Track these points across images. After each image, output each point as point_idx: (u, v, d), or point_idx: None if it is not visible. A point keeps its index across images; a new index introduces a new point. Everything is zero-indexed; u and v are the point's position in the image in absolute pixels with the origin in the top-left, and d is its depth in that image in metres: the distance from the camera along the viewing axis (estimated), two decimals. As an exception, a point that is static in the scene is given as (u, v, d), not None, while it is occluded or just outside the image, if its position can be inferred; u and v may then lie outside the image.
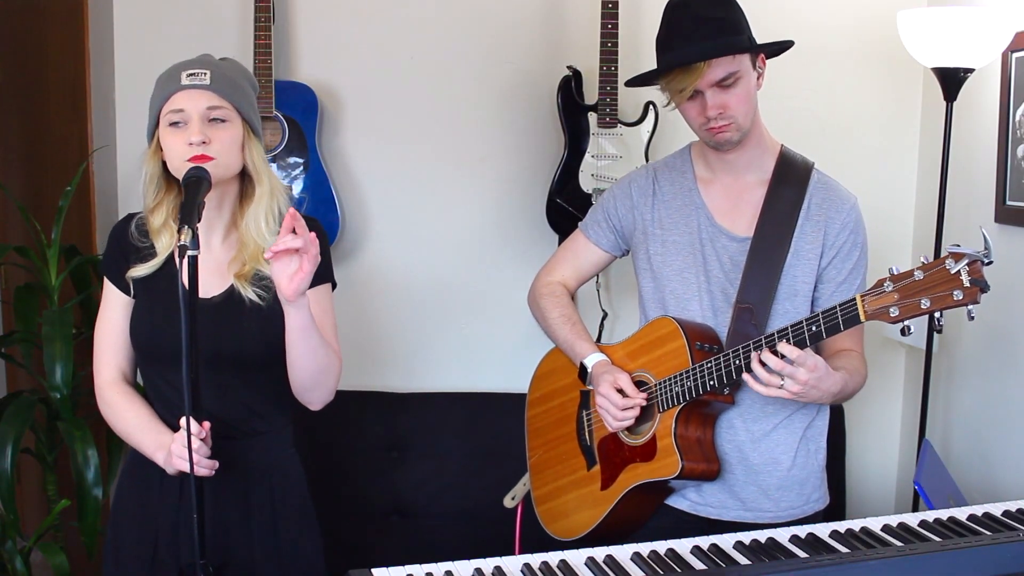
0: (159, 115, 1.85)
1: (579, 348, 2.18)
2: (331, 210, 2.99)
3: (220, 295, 1.90)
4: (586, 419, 2.23)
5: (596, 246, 2.24)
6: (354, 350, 3.09)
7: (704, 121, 1.97)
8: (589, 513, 2.17)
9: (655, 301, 2.13)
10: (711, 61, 1.91)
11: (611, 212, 2.20)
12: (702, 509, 2.08)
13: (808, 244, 2.04)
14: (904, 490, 3.22)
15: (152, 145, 1.88)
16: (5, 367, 3.76)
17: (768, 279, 2.01)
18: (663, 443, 2.02)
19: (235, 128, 1.86)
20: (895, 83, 3.14)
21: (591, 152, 2.97)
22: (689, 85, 1.93)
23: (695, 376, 1.96)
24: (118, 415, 1.94)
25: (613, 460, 2.14)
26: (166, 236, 1.90)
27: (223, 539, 1.91)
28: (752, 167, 2.08)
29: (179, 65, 1.88)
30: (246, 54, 2.94)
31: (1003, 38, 2.54)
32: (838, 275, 2.05)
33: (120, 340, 1.96)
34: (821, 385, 1.87)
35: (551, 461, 2.31)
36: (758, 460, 2.05)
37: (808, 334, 1.81)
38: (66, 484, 2.87)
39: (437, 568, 1.59)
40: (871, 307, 1.73)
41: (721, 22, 1.95)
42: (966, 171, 2.83)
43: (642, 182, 2.17)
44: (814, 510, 2.11)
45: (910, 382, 3.21)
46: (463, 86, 3.11)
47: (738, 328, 2.00)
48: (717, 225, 2.07)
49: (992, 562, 1.48)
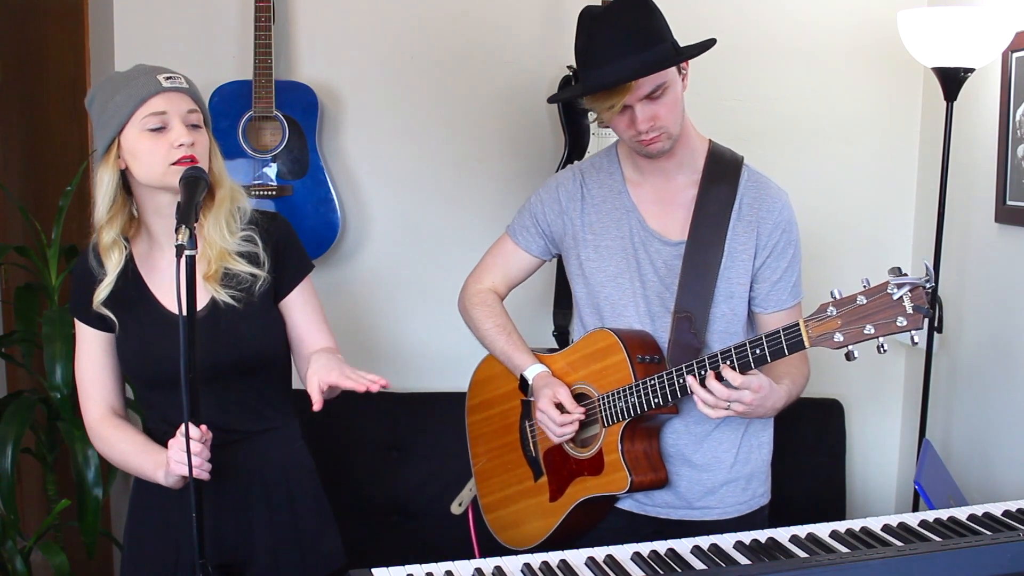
0: (127, 119, 1.78)
1: (517, 359, 2.15)
2: (331, 210, 2.99)
3: (204, 308, 1.87)
4: (529, 430, 2.22)
5: (525, 252, 2.20)
6: (354, 350, 3.08)
7: (635, 133, 1.93)
8: (540, 524, 2.17)
9: (589, 307, 2.11)
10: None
11: (539, 217, 2.16)
12: (650, 510, 2.09)
13: (741, 245, 2.02)
14: (904, 490, 3.22)
15: (112, 153, 1.80)
16: (5, 367, 3.76)
17: (704, 284, 1.99)
18: (610, 458, 2.01)
19: (206, 133, 1.85)
20: (895, 83, 3.14)
21: (591, 152, 2.97)
22: (618, 102, 1.88)
23: (639, 392, 1.95)
24: (113, 447, 1.92)
25: (560, 472, 2.13)
26: (116, 253, 1.86)
27: (245, 537, 1.92)
28: (682, 168, 2.05)
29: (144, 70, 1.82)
30: (246, 54, 2.94)
31: (1003, 38, 2.53)
32: (772, 274, 2.03)
33: (103, 376, 1.94)
34: (766, 403, 1.88)
35: (497, 470, 2.31)
36: (701, 460, 2.05)
37: (752, 357, 1.80)
38: (66, 484, 2.87)
39: (437, 568, 1.59)
40: (815, 332, 1.72)
41: (645, 33, 1.88)
42: (966, 171, 2.83)
43: (569, 186, 2.13)
44: (759, 504, 2.12)
45: (910, 382, 3.21)
46: (463, 86, 3.11)
47: (678, 337, 1.99)
48: (649, 229, 2.05)
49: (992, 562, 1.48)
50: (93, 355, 1.94)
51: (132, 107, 1.77)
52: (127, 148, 1.79)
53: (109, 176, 1.81)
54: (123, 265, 1.88)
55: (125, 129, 1.78)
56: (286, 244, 1.98)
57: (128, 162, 1.80)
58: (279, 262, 1.95)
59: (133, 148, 1.79)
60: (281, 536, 1.96)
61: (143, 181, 1.81)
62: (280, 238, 1.96)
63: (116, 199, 1.83)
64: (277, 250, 1.95)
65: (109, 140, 1.80)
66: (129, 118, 1.78)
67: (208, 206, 1.88)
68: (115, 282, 1.87)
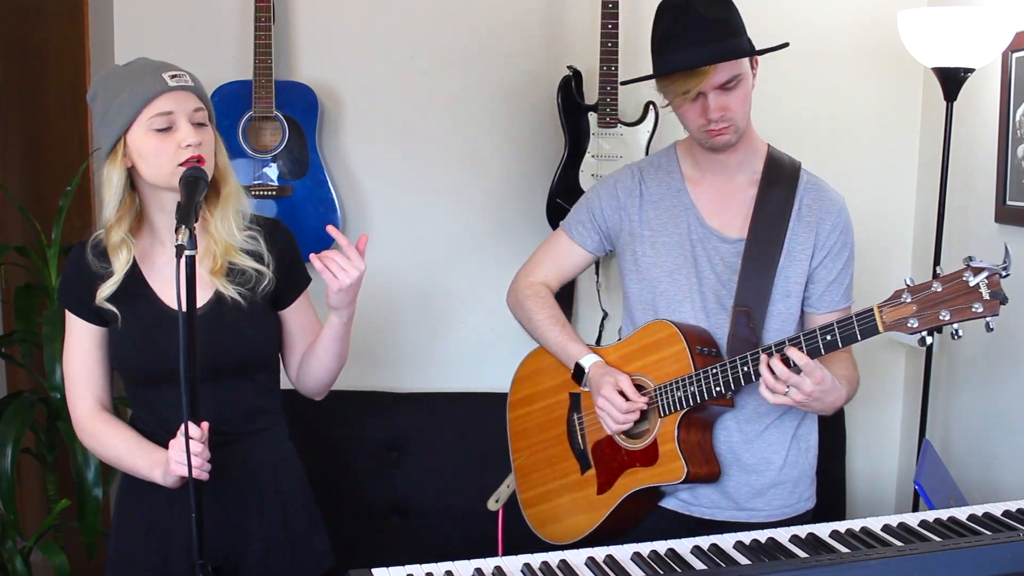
0: (133, 118, 1.76)
1: (572, 349, 2.16)
2: (331, 210, 2.99)
3: (206, 305, 1.87)
4: (578, 422, 2.21)
5: (580, 247, 2.21)
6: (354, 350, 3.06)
7: (704, 123, 1.96)
8: (585, 517, 2.16)
9: (642, 303, 2.12)
10: (716, 64, 1.91)
11: (596, 212, 2.17)
12: (695, 509, 2.08)
13: (800, 245, 2.04)
14: (904, 490, 3.22)
15: (118, 152, 1.79)
16: (5, 367, 3.76)
17: (763, 281, 2.01)
18: (666, 448, 2.01)
19: (211, 131, 1.84)
20: (895, 83, 3.14)
21: (591, 152, 2.97)
22: (693, 88, 1.92)
23: (699, 381, 1.96)
24: (104, 444, 1.90)
25: (610, 464, 2.12)
26: (124, 252, 1.85)
27: (237, 538, 1.92)
28: (742, 167, 2.08)
29: (148, 67, 1.80)
30: (246, 54, 2.94)
31: (1003, 38, 2.54)
32: (828, 275, 2.06)
33: (93, 370, 1.92)
34: (825, 398, 1.89)
35: (539, 464, 2.29)
36: (751, 460, 2.05)
37: (822, 343, 1.81)
38: (66, 484, 2.87)
39: (437, 568, 1.59)
40: (889, 318, 1.74)
41: (724, 24, 1.94)
42: (966, 171, 2.83)
43: (628, 182, 2.15)
44: (805, 508, 2.12)
45: (910, 382, 3.21)
46: (463, 86, 3.11)
47: (736, 331, 2.00)
48: (708, 227, 2.06)
49: (992, 562, 1.48)
50: (84, 348, 1.91)
51: (138, 107, 1.76)
52: (133, 147, 1.78)
53: (116, 175, 1.80)
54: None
55: (131, 129, 1.77)
56: (290, 254, 1.98)
57: (135, 161, 1.79)
58: (283, 268, 1.95)
59: (139, 148, 1.78)
60: (272, 537, 1.95)
61: (150, 181, 1.80)
62: (284, 246, 1.97)
63: (124, 199, 1.82)
64: (282, 257, 1.95)
65: (115, 139, 1.78)
66: (135, 118, 1.76)
67: (214, 202, 1.88)
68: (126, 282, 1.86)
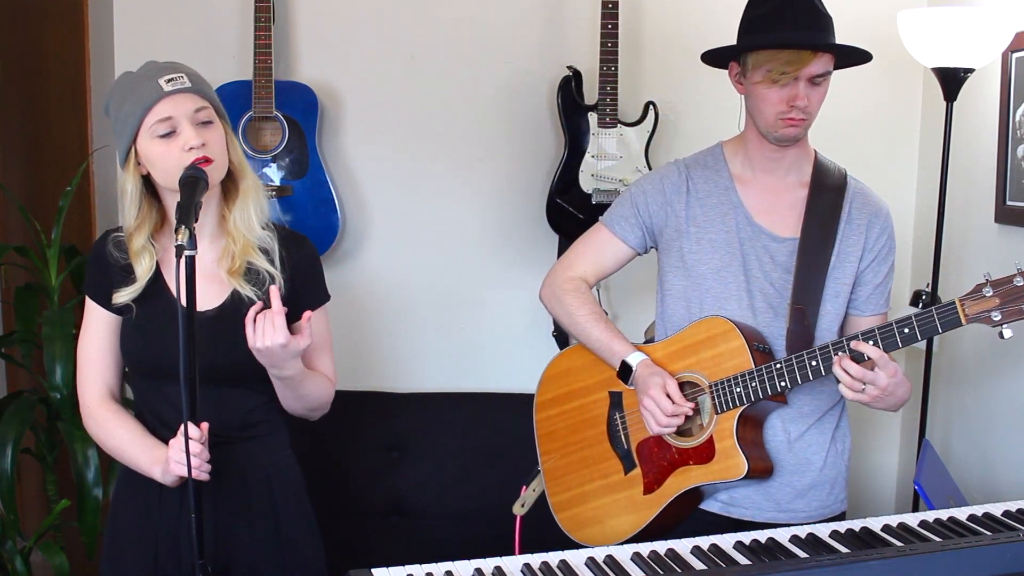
0: (138, 128, 1.79)
1: (617, 347, 2.10)
2: (331, 210, 2.99)
3: (215, 308, 1.87)
4: (620, 421, 2.16)
5: (622, 242, 2.16)
6: (354, 350, 3.09)
7: (784, 110, 1.95)
8: (630, 518, 2.11)
9: (686, 299, 2.09)
10: (820, 53, 1.93)
11: (641, 207, 2.14)
12: (735, 511, 2.06)
13: (850, 247, 2.05)
14: (904, 490, 3.22)
15: (131, 160, 1.82)
16: (5, 367, 3.76)
17: (817, 280, 2.02)
18: (724, 444, 1.99)
19: (219, 127, 1.85)
20: (895, 83, 3.14)
21: (591, 152, 2.97)
22: (794, 70, 1.92)
23: (762, 377, 1.95)
24: (109, 433, 1.91)
25: (658, 463, 2.08)
26: (147, 258, 1.86)
27: (226, 545, 1.91)
28: (794, 168, 2.09)
29: (148, 72, 1.82)
30: (246, 54, 2.94)
31: (1003, 38, 2.53)
32: (875, 277, 2.08)
33: (107, 358, 1.93)
34: (897, 391, 1.91)
35: (574, 465, 2.23)
36: (793, 461, 2.05)
37: (900, 336, 1.83)
38: (66, 484, 2.87)
39: (437, 568, 1.59)
40: (972, 311, 1.79)
41: (830, 21, 1.98)
42: (966, 171, 2.83)
43: (675, 178, 2.13)
44: (840, 510, 2.12)
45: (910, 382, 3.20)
46: (463, 86, 3.11)
47: (794, 328, 2.00)
48: (756, 225, 2.06)
49: (992, 562, 1.48)
50: (99, 335, 1.93)
51: (139, 116, 1.79)
52: (143, 155, 1.81)
53: (132, 184, 1.84)
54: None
55: (138, 137, 1.81)
56: (308, 268, 1.97)
57: (147, 168, 1.83)
58: (296, 282, 1.94)
59: (148, 155, 1.81)
60: (262, 544, 1.94)
61: (163, 185, 1.84)
62: (303, 260, 1.96)
63: (142, 206, 1.86)
64: (297, 269, 1.94)
65: (126, 149, 1.82)
66: (139, 127, 1.80)
67: (233, 197, 1.89)
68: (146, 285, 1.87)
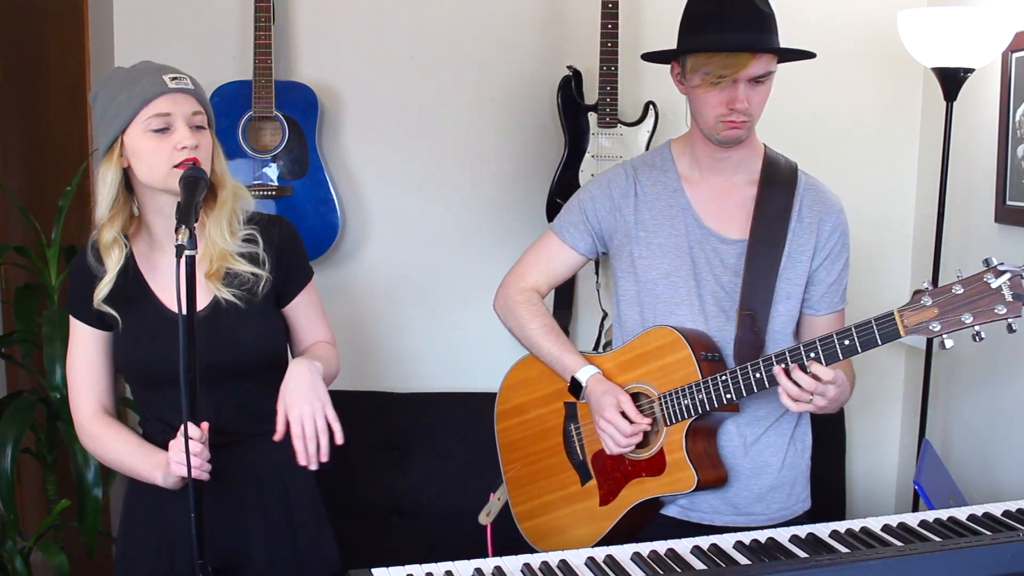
0: (131, 119, 1.78)
1: (568, 361, 2.10)
2: (331, 210, 2.99)
3: (206, 308, 1.87)
4: (575, 432, 2.16)
5: (572, 249, 2.14)
6: (354, 350, 3.09)
7: (725, 113, 1.92)
8: (588, 529, 2.12)
9: (639, 305, 2.08)
10: (759, 54, 1.89)
11: (589, 213, 2.12)
12: (694, 515, 2.06)
13: (801, 246, 2.03)
14: (904, 490, 3.22)
15: (114, 151, 1.80)
16: (5, 367, 3.76)
17: (766, 282, 1.99)
18: (674, 457, 1.98)
19: (209, 135, 1.85)
20: (895, 83, 3.14)
21: (591, 152, 2.97)
22: (732, 73, 1.88)
23: (708, 389, 1.93)
24: (106, 446, 1.91)
25: (613, 475, 2.09)
26: (116, 251, 1.85)
27: (242, 542, 1.91)
28: (741, 167, 2.06)
29: (149, 68, 1.82)
30: (246, 54, 2.94)
31: (1003, 38, 2.53)
32: (828, 276, 2.05)
33: (96, 373, 1.93)
34: (841, 397, 1.89)
35: (534, 476, 2.24)
36: (750, 464, 2.04)
37: (840, 348, 1.79)
38: (66, 484, 2.87)
39: (437, 568, 1.59)
40: (911, 322, 1.72)
41: (771, 19, 1.93)
42: (966, 171, 2.83)
43: (622, 182, 2.10)
44: (801, 510, 2.11)
45: (910, 382, 3.21)
46: (463, 86, 3.11)
47: (743, 335, 1.98)
48: (705, 227, 2.03)
49: (992, 562, 1.48)
50: (87, 353, 1.93)
51: (136, 107, 1.77)
52: (130, 148, 1.79)
53: (112, 175, 1.81)
54: (123, 263, 1.87)
55: (128, 129, 1.78)
56: (290, 249, 1.98)
57: (131, 161, 1.81)
58: (281, 266, 1.95)
59: (136, 148, 1.79)
60: (277, 541, 1.95)
61: (145, 182, 1.81)
62: (283, 242, 1.96)
63: (118, 198, 1.83)
64: (280, 253, 1.95)
65: (112, 138, 1.80)
66: (133, 118, 1.78)
67: (210, 206, 1.88)
68: (115, 280, 1.86)
